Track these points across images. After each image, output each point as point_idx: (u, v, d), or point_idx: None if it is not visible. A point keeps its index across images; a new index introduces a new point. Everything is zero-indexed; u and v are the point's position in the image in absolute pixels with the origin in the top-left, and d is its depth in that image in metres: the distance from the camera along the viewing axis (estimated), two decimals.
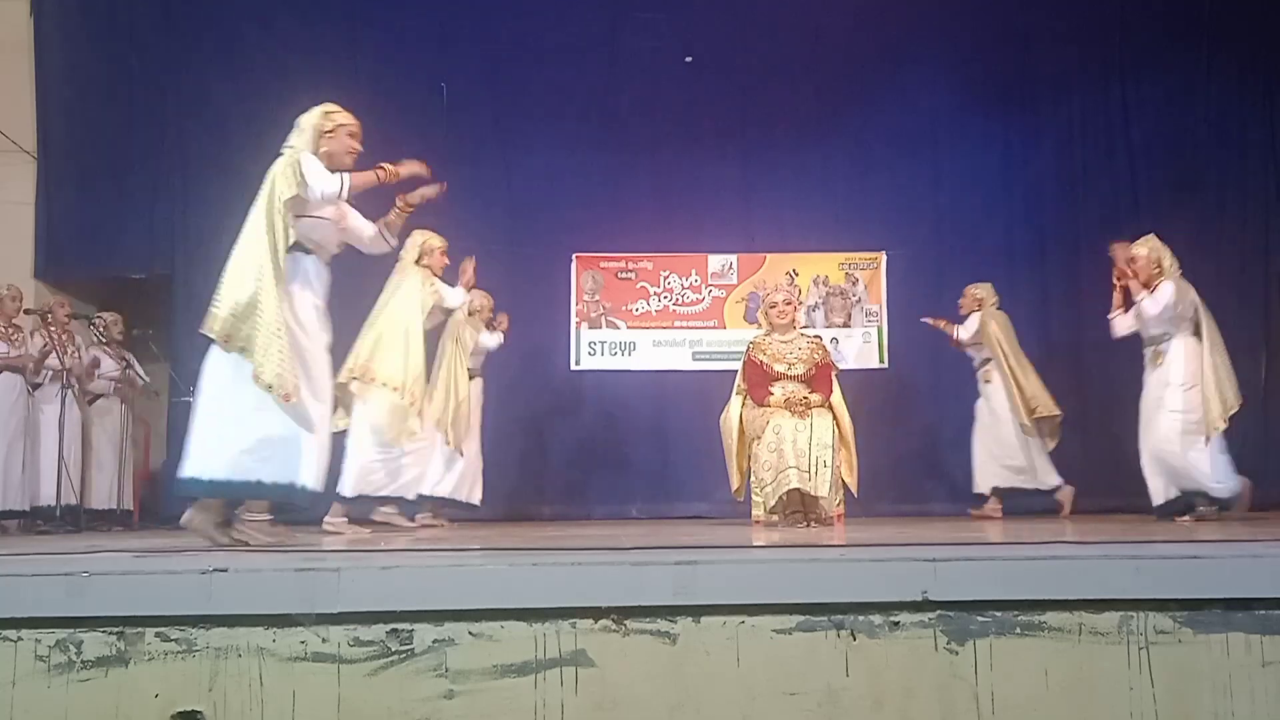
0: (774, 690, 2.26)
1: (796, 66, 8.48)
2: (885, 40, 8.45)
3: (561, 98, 8.35)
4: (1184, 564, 2.37)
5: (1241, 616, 2.29)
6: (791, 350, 5.67)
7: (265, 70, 8.31)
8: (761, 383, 5.58)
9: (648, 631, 2.29)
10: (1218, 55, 8.39)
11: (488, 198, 8.19)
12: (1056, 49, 8.48)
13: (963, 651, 2.28)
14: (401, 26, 8.41)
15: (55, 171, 8.29)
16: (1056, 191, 8.47)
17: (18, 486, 6.73)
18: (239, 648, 2.27)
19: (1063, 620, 2.29)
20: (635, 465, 8.19)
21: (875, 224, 8.44)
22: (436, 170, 7.90)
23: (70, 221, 8.24)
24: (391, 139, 8.37)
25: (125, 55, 8.36)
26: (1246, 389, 7.98)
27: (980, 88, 8.41)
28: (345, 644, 2.27)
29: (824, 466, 5.24)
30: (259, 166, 4.03)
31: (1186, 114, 8.37)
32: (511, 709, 2.25)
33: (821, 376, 5.62)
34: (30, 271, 8.10)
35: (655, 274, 8.52)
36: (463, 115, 8.31)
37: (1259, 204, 8.31)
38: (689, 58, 8.46)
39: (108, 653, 2.27)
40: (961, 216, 8.42)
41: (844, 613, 2.29)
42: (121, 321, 7.55)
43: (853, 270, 8.53)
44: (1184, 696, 2.27)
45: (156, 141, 8.34)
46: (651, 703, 2.26)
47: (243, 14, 8.37)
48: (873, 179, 8.47)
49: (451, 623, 2.28)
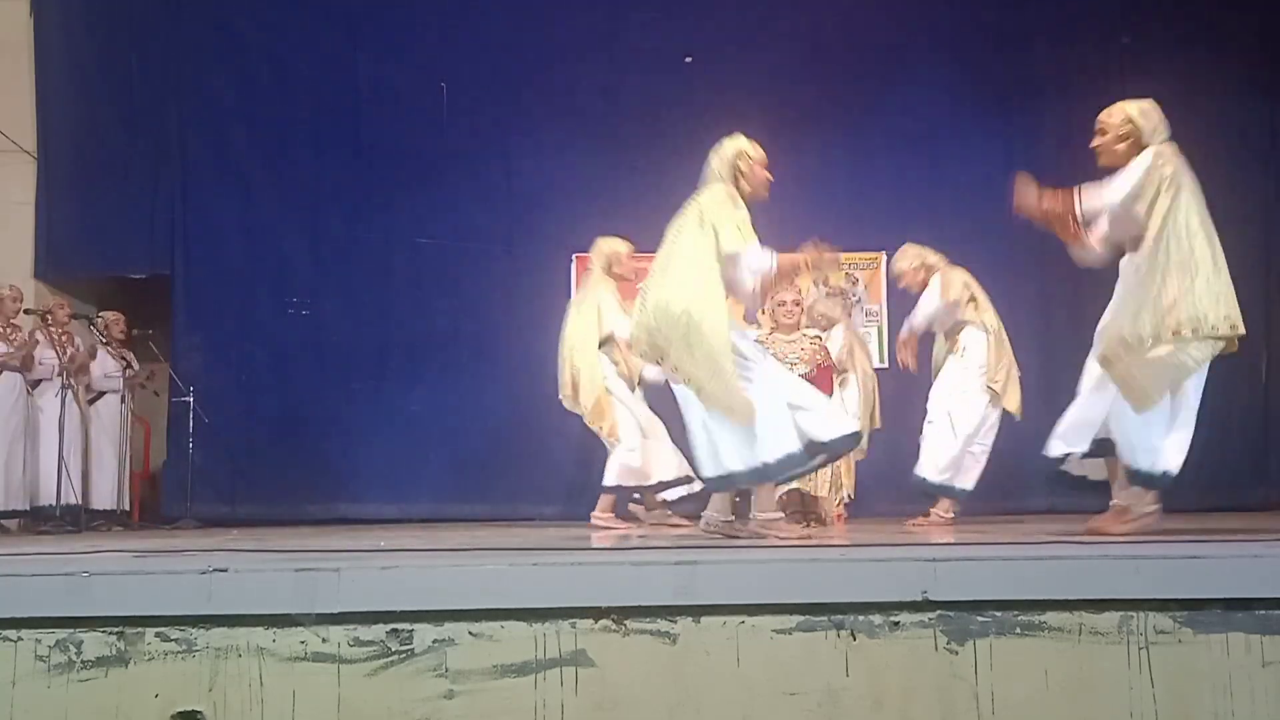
0: (774, 690, 2.26)
1: (796, 66, 8.48)
2: (885, 40, 8.44)
3: (561, 98, 8.34)
4: (1184, 564, 2.37)
5: (1241, 616, 2.29)
6: (794, 350, 5.67)
7: (265, 70, 8.31)
8: None
9: (648, 631, 2.29)
10: (1218, 55, 8.38)
11: (488, 198, 8.19)
12: (1056, 49, 8.47)
13: (963, 651, 2.28)
14: (401, 26, 8.41)
15: (55, 171, 8.29)
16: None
17: (18, 486, 6.74)
18: (239, 648, 2.27)
19: (1063, 620, 2.29)
20: None
21: (875, 224, 8.43)
22: (436, 170, 7.96)
23: (70, 221, 8.24)
24: (392, 139, 8.44)
25: (125, 55, 8.36)
26: (1246, 389, 8.05)
27: (980, 88, 8.40)
28: (345, 644, 2.27)
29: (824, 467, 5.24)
30: (259, 167, 4.04)
31: (1186, 114, 8.36)
32: (511, 709, 2.25)
33: (822, 377, 5.61)
34: (30, 271, 8.10)
35: None
36: (463, 115, 8.30)
37: (1259, 204, 8.30)
38: (689, 58, 8.45)
39: (108, 653, 2.27)
40: (961, 216, 8.41)
41: (844, 613, 2.29)
42: (122, 321, 7.56)
43: (853, 270, 8.53)
44: (1184, 696, 2.27)
45: (156, 141, 8.34)
46: (651, 703, 2.26)
47: (243, 14, 8.37)
48: (873, 179, 8.46)
49: (451, 623, 2.28)
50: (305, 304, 8.19)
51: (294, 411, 8.07)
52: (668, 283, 3.94)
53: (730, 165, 4.14)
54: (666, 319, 3.84)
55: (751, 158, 4.19)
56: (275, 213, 8.18)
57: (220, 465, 7.89)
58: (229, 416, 7.94)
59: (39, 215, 8.24)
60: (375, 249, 8.19)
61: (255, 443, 8.05)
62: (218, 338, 8.15)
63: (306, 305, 8.20)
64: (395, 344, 8.09)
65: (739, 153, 4.15)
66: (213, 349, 8.12)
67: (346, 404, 8.03)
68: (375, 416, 7.91)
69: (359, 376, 8.09)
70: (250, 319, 8.23)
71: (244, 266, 8.19)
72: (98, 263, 8.30)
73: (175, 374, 7.81)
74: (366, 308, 8.13)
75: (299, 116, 8.29)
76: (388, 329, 8.16)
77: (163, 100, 8.35)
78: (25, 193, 8.22)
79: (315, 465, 7.87)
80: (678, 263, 3.96)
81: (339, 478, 7.84)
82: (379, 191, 8.26)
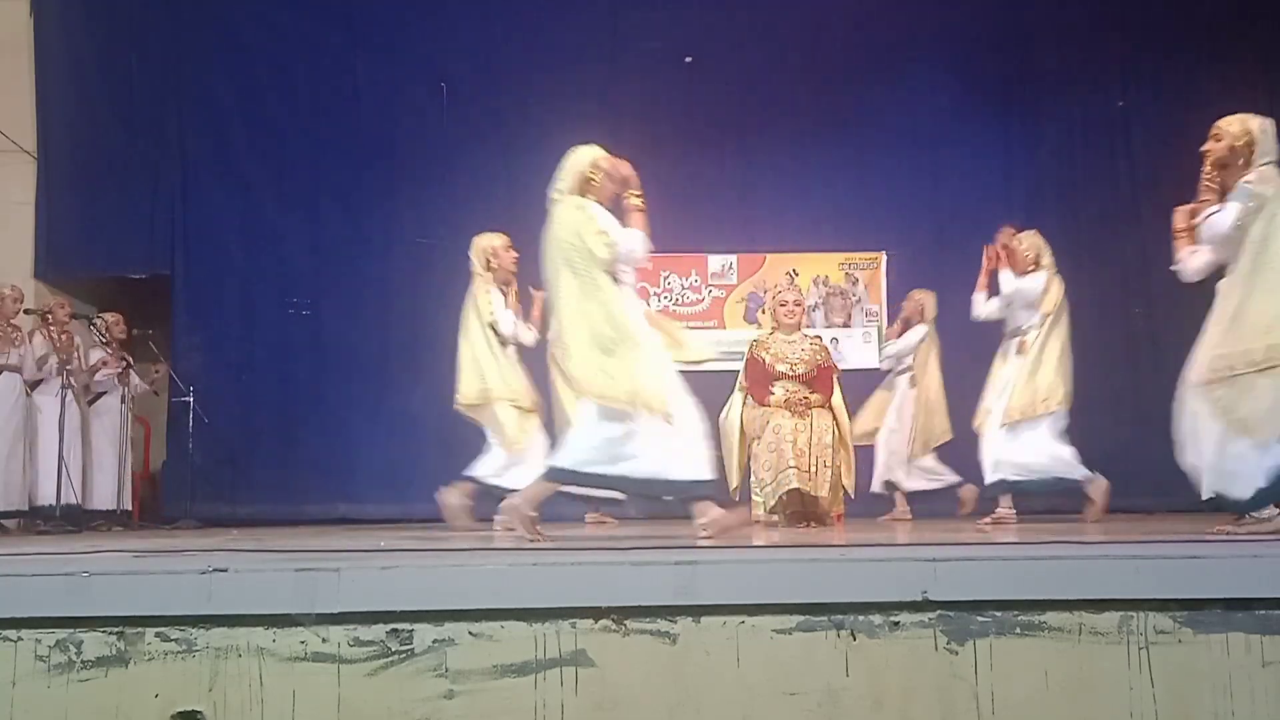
0: (774, 690, 2.26)
1: (796, 66, 8.48)
2: (885, 40, 8.45)
3: (561, 98, 8.35)
4: (1184, 564, 2.37)
5: (1241, 616, 2.29)
6: (794, 350, 5.68)
7: (265, 70, 8.32)
8: (762, 382, 5.58)
9: (648, 631, 2.28)
10: (1218, 55, 8.39)
11: (488, 198, 8.19)
12: (1056, 49, 8.48)
13: (963, 651, 2.27)
14: (401, 26, 8.42)
15: (55, 171, 8.29)
16: (1056, 192, 8.46)
17: (18, 486, 6.74)
18: (239, 648, 2.27)
19: (1063, 620, 2.29)
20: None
21: (875, 224, 8.44)
22: (436, 170, 7.94)
23: (70, 221, 8.25)
24: (392, 139, 8.45)
25: (125, 55, 8.37)
26: None
27: (980, 88, 8.41)
28: (345, 644, 2.27)
29: (824, 466, 5.25)
30: (259, 167, 4.04)
31: (1186, 114, 8.36)
32: (511, 709, 2.25)
33: (823, 378, 5.62)
34: (30, 271, 8.10)
35: (655, 274, 8.51)
36: (463, 115, 8.31)
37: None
38: (689, 58, 8.46)
39: (108, 653, 2.26)
40: (961, 216, 8.42)
41: (844, 613, 2.29)
42: (121, 321, 7.56)
43: (853, 270, 8.54)
44: (1184, 696, 2.27)
45: (156, 141, 8.35)
46: (651, 703, 2.26)
47: (243, 14, 8.38)
48: (873, 179, 8.47)
49: (451, 623, 2.28)
50: (305, 304, 8.20)
51: (294, 411, 8.07)
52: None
53: (581, 176, 4.06)
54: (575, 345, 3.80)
55: (603, 169, 4.06)
56: (275, 213, 8.19)
57: (220, 465, 7.90)
58: (229, 416, 7.94)
59: (39, 215, 8.25)
60: (375, 249, 8.19)
61: (255, 443, 8.05)
62: (218, 338, 8.15)
63: (306, 305, 8.20)
64: (395, 344, 8.09)
65: (592, 163, 4.08)
66: (213, 349, 8.13)
67: (346, 404, 8.03)
68: (375, 416, 7.91)
69: (359, 376, 8.09)
70: (250, 319, 8.23)
71: (244, 266, 8.20)
72: (98, 263, 8.30)
73: (175, 374, 7.81)
74: (366, 308, 8.13)
75: (299, 116, 8.30)
76: (388, 329, 8.16)
77: (163, 100, 8.36)
78: (25, 193, 8.22)
79: (315, 465, 7.87)
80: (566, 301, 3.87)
81: (339, 478, 7.84)
82: (379, 191, 8.26)
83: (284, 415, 8.07)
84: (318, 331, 8.16)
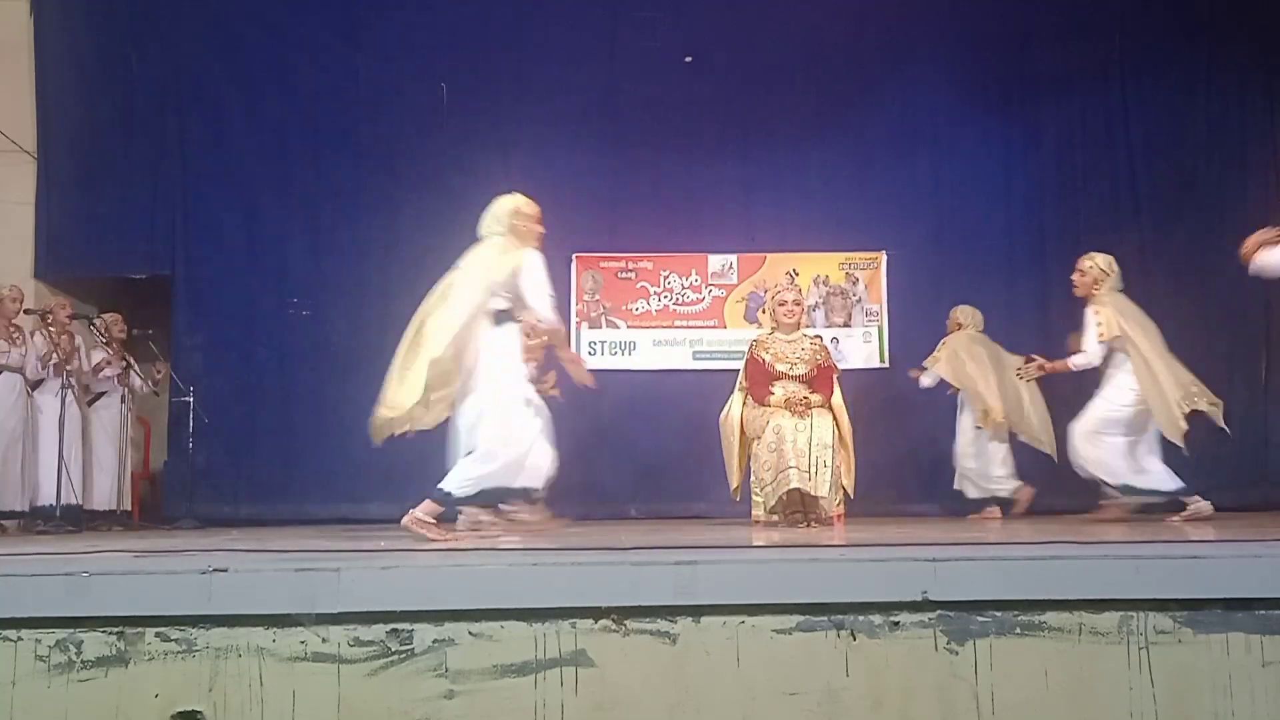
0: (774, 690, 2.26)
1: (796, 66, 8.48)
2: (885, 40, 8.45)
3: (561, 98, 8.34)
4: (1184, 564, 2.37)
5: (1241, 616, 2.29)
6: (794, 350, 5.68)
7: (265, 70, 8.31)
8: (762, 381, 5.58)
9: (648, 631, 2.28)
10: (1218, 55, 8.38)
11: (487, 198, 8.17)
12: (1056, 49, 8.47)
13: (963, 651, 2.27)
14: (401, 26, 8.41)
15: (55, 171, 8.28)
16: (1056, 192, 8.46)
17: (17, 486, 6.73)
18: (239, 648, 2.27)
19: (1063, 620, 2.29)
20: (635, 465, 8.18)
21: (875, 224, 8.43)
22: (436, 170, 7.96)
23: (70, 221, 8.23)
24: (392, 139, 8.44)
25: (125, 55, 8.36)
26: (1246, 388, 8.04)
27: (980, 88, 8.41)
28: (345, 644, 2.27)
29: (824, 466, 5.25)
30: (259, 167, 4.04)
31: (1186, 114, 8.37)
32: (511, 709, 2.25)
33: (823, 378, 5.62)
34: (30, 271, 8.09)
35: (655, 274, 8.51)
36: (463, 115, 8.30)
37: (1259, 204, 8.29)
38: (689, 58, 8.45)
39: (108, 653, 2.26)
40: (961, 216, 8.42)
41: (844, 613, 2.29)
42: (121, 321, 7.55)
43: (853, 270, 8.53)
44: (1184, 696, 2.27)
45: (156, 141, 8.33)
46: (651, 703, 2.26)
47: (243, 14, 8.36)
48: (873, 179, 8.46)
49: (451, 623, 2.28)
50: (305, 304, 8.19)
51: (294, 411, 8.06)
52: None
53: (505, 223, 4.50)
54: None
55: (526, 214, 4.53)
56: (275, 213, 8.18)
57: (220, 465, 7.89)
58: (229, 416, 7.93)
59: (39, 215, 8.23)
60: (375, 249, 8.18)
61: (255, 443, 8.04)
62: (218, 338, 8.14)
63: (306, 305, 8.19)
64: (395, 344, 8.07)
65: (514, 210, 4.28)
66: (213, 349, 8.11)
67: (346, 404, 8.01)
68: None
69: (359, 377, 8.06)
70: (250, 319, 8.22)
71: (244, 266, 8.19)
72: (98, 263, 8.29)
73: (175, 374, 7.80)
74: (366, 308, 8.11)
75: (299, 116, 8.29)
76: (387, 329, 8.13)
77: (163, 100, 8.35)
78: (25, 193, 8.21)
79: (316, 465, 7.86)
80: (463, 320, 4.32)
81: (339, 478, 7.82)
82: (379, 191, 8.25)
83: (284, 415, 8.05)
84: (318, 332, 8.15)
